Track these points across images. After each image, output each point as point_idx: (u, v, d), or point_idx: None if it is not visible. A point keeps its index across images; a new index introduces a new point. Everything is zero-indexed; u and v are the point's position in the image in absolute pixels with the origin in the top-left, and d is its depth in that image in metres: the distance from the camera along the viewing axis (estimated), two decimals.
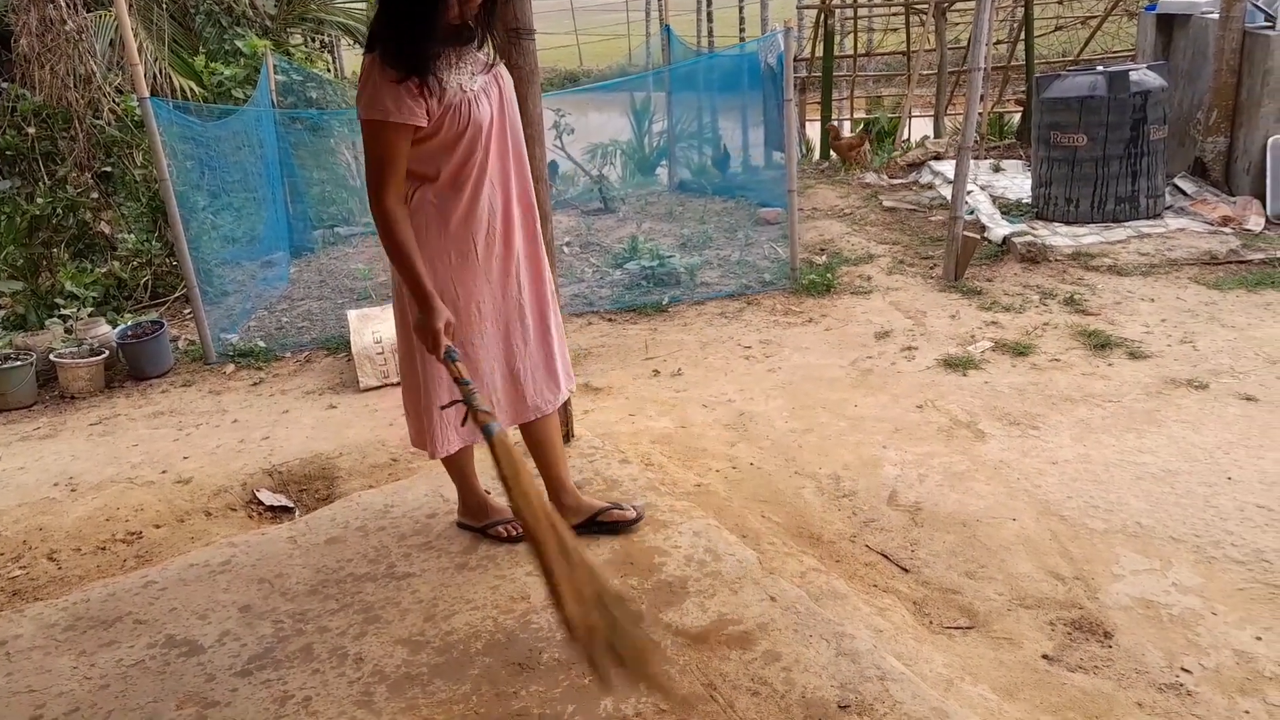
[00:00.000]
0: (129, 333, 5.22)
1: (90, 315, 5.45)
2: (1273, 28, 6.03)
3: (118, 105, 6.60)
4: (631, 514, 2.92)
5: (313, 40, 9.83)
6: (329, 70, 10.15)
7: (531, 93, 3.06)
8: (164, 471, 3.99)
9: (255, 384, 4.96)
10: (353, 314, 5.27)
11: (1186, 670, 2.49)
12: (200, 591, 2.83)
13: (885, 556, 3.06)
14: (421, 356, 2.57)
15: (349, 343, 4.99)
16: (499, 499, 3.05)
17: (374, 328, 4.91)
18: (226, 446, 4.20)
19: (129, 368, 5.17)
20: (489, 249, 2.55)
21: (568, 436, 3.49)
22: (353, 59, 11.95)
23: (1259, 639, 2.58)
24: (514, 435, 2.70)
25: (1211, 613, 2.70)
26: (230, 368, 5.20)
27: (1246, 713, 2.33)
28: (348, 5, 9.77)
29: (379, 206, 2.35)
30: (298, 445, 4.14)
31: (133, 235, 6.29)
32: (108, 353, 5.10)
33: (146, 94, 4.96)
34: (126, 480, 3.94)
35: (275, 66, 7.34)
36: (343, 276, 6.68)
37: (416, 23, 2.25)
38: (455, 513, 3.06)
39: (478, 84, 2.41)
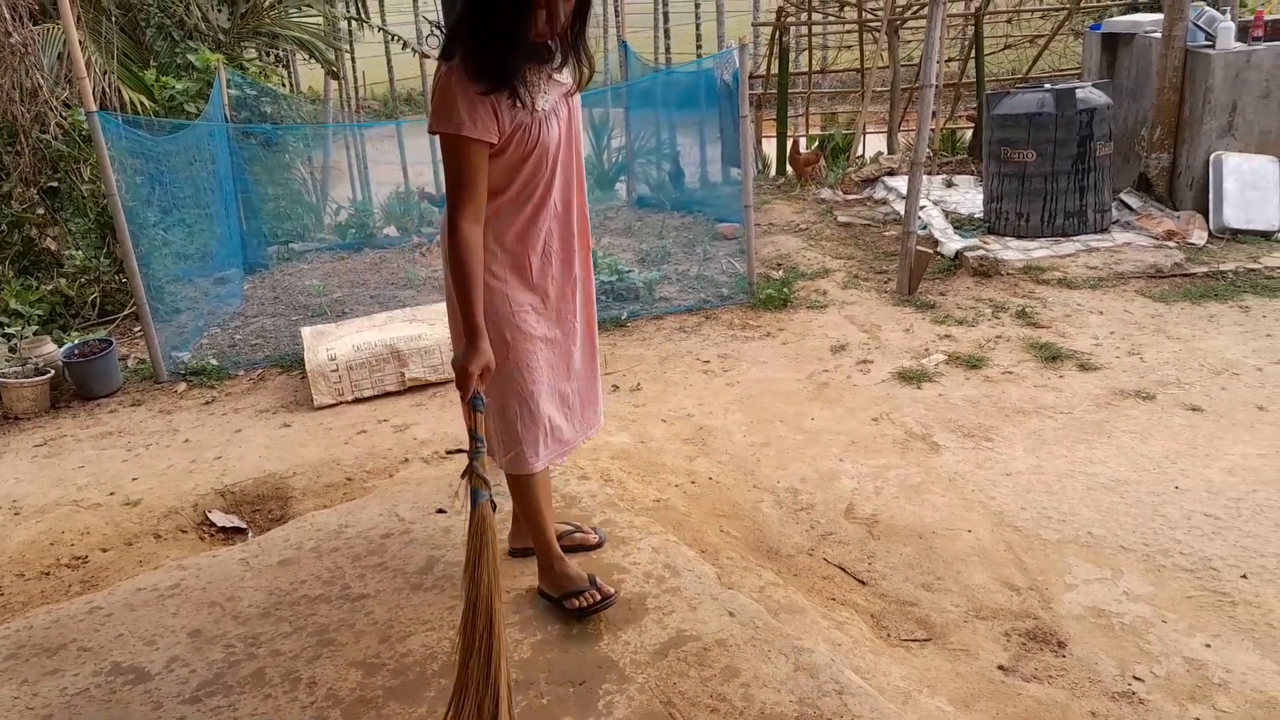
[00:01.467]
0: (76, 351, 5.10)
1: (35, 334, 5.33)
2: (1213, 46, 6.20)
3: (65, 119, 6.48)
4: (594, 538, 2.90)
5: (267, 55, 9.70)
6: (284, 85, 10.03)
7: None
8: (112, 493, 3.90)
9: (207, 403, 4.87)
10: (307, 331, 5.21)
11: (1138, 678, 2.53)
12: (148, 616, 2.76)
13: (843, 569, 3.07)
14: (511, 366, 2.44)
15: (303, 360, 4.92)
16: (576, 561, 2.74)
17: (328, 345, 4.85)
18: (177, 467, 4.12)
19: (76, 387, 5.05)
20: (544, 270, 2.45)
21: None
22: (308, 74, 11.82)
23: (1208, 646, 2.63)
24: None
25: (1162, 621, 2.74)
26: (182, 386, 5.10)
27: (1197, 719, 2.37)
28: (303, 20, 9.66)
29: (452, 227, 2.25)
30: (251, 465, 4.07)
31: (80, 252, 6.16)
32: (53, 372, 4.98)
33: (94, 108, 4.88)
34: (72, 503, 3.84)
35: (228, 81, 7.25)
36: (297, 293, 6.60)
37: (503, 34, 2.18)
38: (410, 532, 3.02)
39: (548, 104, 2.33)
